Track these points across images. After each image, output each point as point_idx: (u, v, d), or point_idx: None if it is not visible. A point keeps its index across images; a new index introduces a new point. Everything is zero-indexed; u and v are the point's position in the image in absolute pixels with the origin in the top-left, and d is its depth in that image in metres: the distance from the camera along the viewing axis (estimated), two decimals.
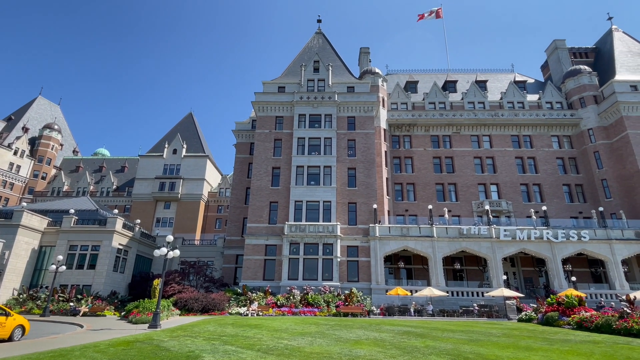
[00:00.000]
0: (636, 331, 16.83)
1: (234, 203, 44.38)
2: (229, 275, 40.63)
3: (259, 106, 42.89)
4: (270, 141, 41.58)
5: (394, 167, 46.46)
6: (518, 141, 47.43)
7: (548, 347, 13.53)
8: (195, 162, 67.64)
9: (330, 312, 29.06)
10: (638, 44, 51.55)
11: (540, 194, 44.60)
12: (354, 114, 42.37)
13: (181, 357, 10.87)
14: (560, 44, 55.25)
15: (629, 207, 40.56)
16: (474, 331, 18.40)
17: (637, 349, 13.04)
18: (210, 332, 16.57)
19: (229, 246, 42.18)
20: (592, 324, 19.59)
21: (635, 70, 47.07)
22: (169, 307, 25.76)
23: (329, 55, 48.57)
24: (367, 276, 35.35)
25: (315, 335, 15.56)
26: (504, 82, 54.45)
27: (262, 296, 31.45)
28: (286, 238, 36.04)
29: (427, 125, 48.01)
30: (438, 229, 36.43)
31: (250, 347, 12.54)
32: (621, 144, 42.74)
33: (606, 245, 35.36)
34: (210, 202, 70.07)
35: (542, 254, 35.63)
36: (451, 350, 12.35)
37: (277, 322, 21.27)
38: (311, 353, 11.54)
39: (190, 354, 11.31)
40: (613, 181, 42.64)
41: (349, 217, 37.93)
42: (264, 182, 39.68)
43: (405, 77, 56.37)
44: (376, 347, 12.93)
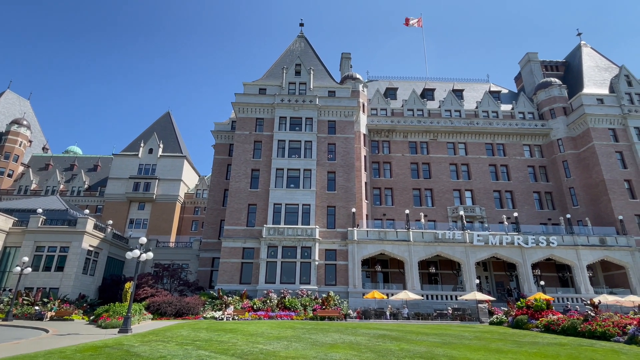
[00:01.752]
0: (599, 333, 17.59)
1: (212, 205, 43.71)
2: (204, 278, 39.89)
3: (239, 107, 42.52)
4: (250, 143, 41.27)
5: (373, 171, 47.00)
6: (492, 149, 48.98)
7: (517, 349, 13.97)
8: (172, 163, 66.19)
9: (307, 315, 28.98)
10: (604, 59, 54.34)
11: (512, 201, 46.14)
12: (334, 118, 42.66)
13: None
14: (532, 57, 57.54)
15: (594, 215, 42.52)
16: (447, 334, 18.78)
17: (600, 351, 13.64)
18: (183, 337, 16.20)
19: (205, 249, 41.45)
20: (558, 327, 20.36)
21: (601, 85, 49.55)
22: (141, 311, 25.04)
23: (310, 59, 48.78)
24: (345, 280, 35.50)
25: (291, 340, 15.48)
26: (479, 92, 56.16)
27: (238, 300, 31.03)
28: (264, 241, 35.76)
29: (406, 132, 48.88)
30: (414, 234, 37.06)
31: (225, 352, 12.35)
32: (588, 154, 44.83)
33: (573, 251, 36.91)
34: (187, 204, 68.68)
35: (513, 258, 36.82)
36: (425, 354, 12.55)
37: (253, 326, 21.03)
38: (286, 357, 11.47)
39: (162, 359, 11.02)
40: (580, 189, 44.63)
41: (327, 221, 38.06)
42: (243, 184, 39.30)
43: (385, 84, 57.25)
44: (352, 350, 12.99)
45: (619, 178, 42.25)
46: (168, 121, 73.99)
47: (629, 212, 40.49)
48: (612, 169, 42.60)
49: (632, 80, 47.64)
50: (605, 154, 43.36)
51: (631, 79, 47.74)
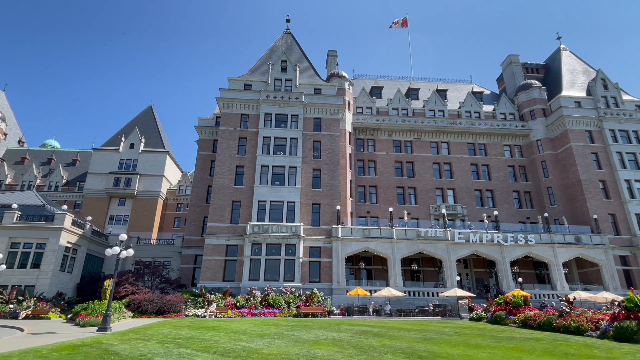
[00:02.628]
0: (574, 329, 18.22)
1: (195, 201, 43.17)
2: (186, 276, 39.42)
3: (223, 103, 42.04)
4: (235, 139, 40.89)
5: (358, 169, 47.28)
6: (474, 149, 49.95)
7: (495, 344, 14.34)
8: (154, 158, 64.89)
9: (290, 313, 29.01)
10: (582, 63, 56.01)
11: (493, 200, 47.22)
12: (320, 115, 42.67)
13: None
14: (514, 59, 58.82)
15: (570, 214, 43.92)
16: (428, 330, 19.12)
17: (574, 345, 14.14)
18: (164, 335, 16.00)
19: (188, 246, 40.93)
20: (535, 322, 20.98)
21: (579, 88, 51.09)
22: (121, 309, 24.57)
23: (297, 56, 48.58)
24: (329, 277, 35.68)
25: (275, 337, 15.48)
26: (462, 92, 57.10)
27: (221, 297, 30.80)
28: (248, 238, 35.55)
29: (390, 130, 49.31)
30: (398, 231, 37.50)
31: (207, 350, 12.26)
32: (565, 155, 46.22)
33: (550, 248, 38.07)
34: (169, 200, 67.56)
35: (492, 256, 37.72)
36: (406, 349, 12.76)
37: (236, 324, 20.93)
38: (269, 354, 11.47)
39: (142, 357, 10.86)
40: (557, 189, 46.00)
41: (312, 218, 38.11)
42: (227, 180, 38.93)
43: (371, 82, 57.56)
44: (334, 347, 13.09)
45: (594, 178, 43.73)
46: (150, 116, 72.46)
47: (603, 211, 41.98)
48: (588, 170, 44.05)
49: (608, 84, 49.28)
50: (582, 155, 44.79)
51: (607, 82, 49.38)
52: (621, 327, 15.51)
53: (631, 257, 40.26)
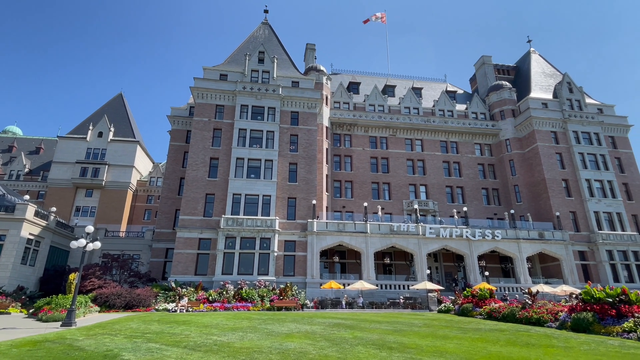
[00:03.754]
0: (535, 320, 19.19)
1: (166, 193, 42.10)
2: (157, 269, 38.52)
3: (198, 92, 41.03)
4: (209, 130, 40.05)
5: (334, 164, 47.52)
6: (446, 146, 51.29)
7: (462, 335, 14.90)
8: (124, 148, 62.61)
9: (264, 306, 28.98)
10: (550, 66, 58.41)
11: (463, 196, 48.76)
12: (297, 109, 42.45)
13: (97, 356, 10.12)
14: (487, 60, 60.57)
15: (535, 211, 46.01)
16: (398, 322, 19.62)
17: (535, 336, 14.91)
18: (132, 330, 15.61)
19: (159, 239, 39.95)
20: (499, 314, 21.94)
21: (547, 90, 53.30)
22: (87, 303, 23.75)
23: (274, 48, 47.99)
24: (303, 270, 35.83)
25: (247, 330, 15.43)
26: (437, 91, 58.34)
27: (193, 292, 30.31)
28: (222, 232, 35.09)
29: (367, 126, 49.78)
30: (371, 226, 38.08)
31: (177, 344, 12.07)
32: (532, 154, 48.25)
33: (515, 244, 39.79)
34: (139, 192, 65.54)
35: (461, 250, 39.04)
36: (377, 341, 13.05)
37: (208, 318, 20.69)
38: (241, 348, 11.44)
39: (108, 353, 10.57)
40: (523, 187, 48.04)
41: (288, 212, 38.04)
42: (201, 172, 38.16)
43: (349, 78, 57.77)
44: (307, 339, 13.20)
45: (557, 177, 45.93)
46: (120, 104, 69.72)
47: (564, 209, 44.23)
48: (552, 169, 46.20)
49: (573, 87, 51.67)
50: (547, 154, 46.89)
51: (572, 86, 51.76)
52: (578, 318, 16.46)
53: (589, 252, 42.71)
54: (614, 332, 14.74)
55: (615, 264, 41.44)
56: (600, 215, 44.12)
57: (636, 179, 47.85)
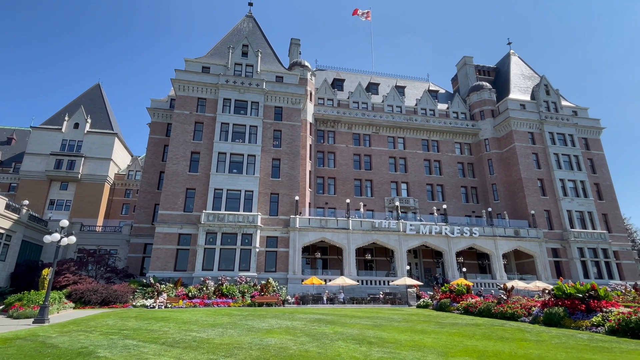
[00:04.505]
0: (509, 315, 19.78)
1: (145, 187, 41.20)
2: (135, 265, 37.73)
3: (179, 85, 40.19)
4: (191, 124, 39.34)
5: (318, 160, 47.55)
6: (427, 145, 52.12)
7: (439, 330, 15.24)
8: (101, 140, 60.76)
9: (245, 302, 28.82)
10: (529, 69, 59.99)
11: (442, 194, 49.74)
12: (281, 104, 42.19)
13: (71, 354, 9.85)
14: (468, 61, 61.69)
15: (511, 209, 47.37)
16: (378, 317, 19.89)
17: (509, 330, 15.39)
18: (109, 326, 15.27)
19: (137, 234, 39.12)
20: (476, 309, 22.52)
21: (525, 92, 54.76)
22: (61, 299, 23.06)
23: (259, 41, 47.47)
24: (285, 266, 35.80)
25: (227, 326, 15.34)
26: (419, 90, 59.09)
27: (172, 287, 29.85)
28: (203, 227, 34.63)
29: (351, 123, 50.00)
30: (354, 222, 38.37)
31: (154, 341, 11.88)
32: (509, 154, 49.58)
33: (491, 241, 40.89)
34: (117, 185, 63.84)
35: (440, 247, 39.85)
36: (357, 336, 13.20)
37: (187, 314, 20.45)
38: (221, 344, 11.36)
39: (83, 350, 10.31)
40: (501, 186, 49.37)
41: (270, 208, 37.87)
42: (181, 166, 37.49)
43: (333, 74, 57.78)
44: (287, 335, 13.23)
45: (533, 177, 47.38)
46: (98, 94, 67.54)
47: (539, 207, 45.70)
48: (529, 169, 47.62)
49: (550, 90, 53.25)
50: (524, 154, 48.27)
51: (549, 88, 53.32)
52: (550, 313, 17.07)
53: (561, 249, 44.33)
54: (584, 326, 15.37)
55: (586, 261, 43.18)
56: (573, 214, 45.81)
57: (607, 179, 49.87)
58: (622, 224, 48.79)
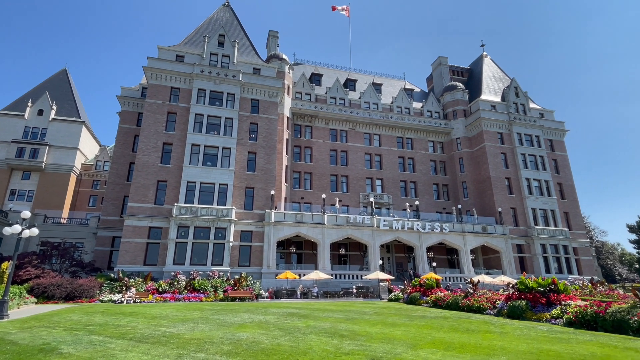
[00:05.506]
0: (476, 308, 20.59)
1: (114, 179, 39.77)
2: (102, 259, 36.46)
3: (152, 73, 38.85)
4: (163, 114, 38.19)
5: (294, 155, 47.40)
6: (402, 142, 53.09)
7: (409, 322, 15.68)
8: (67, 128, 58.00)
9: (217, 297, 28.51)
10: (500, 71, 62.00)
11: (415, 190, 50.89)
12: (258, 97, 41.65)
13: (32, 350, 9.45)
14: (443, 61, 63.05)
15: (480, 206, 49.08)
16: (350, 310, 20.21)
17: (475, 322, 16.03)
18: (73, 322, 14.73)
19: (105, 227, 37.78)
20: (444, 302, 23.30)
21: (496, 93, 56.61)
22: (22, 294, 22.01)
23: (236, 32, 46.55)
24: (259, 261, 35.62)
25: (198, 321, 15.14)
26: (396, 88, 59.92)
27: (141, 282, 29.07)
28: (174, 220, 33.84)
29: (328, 119, 50.09)
30: (329, 217, 38.62)
31: (122, 337, 11.58)
32: (479, 153, 51.25)
33: (460, 236, 42.26)
34: (84, 176, 61.27)
35: (412, 242, 40.81)
36: (329, 329, 13.37)
37: (157, 309, 20.02)
38: (191, 339, 11.22)
39: (45, 346, 9.91)
40: (470, 184, 51.04)
41: (245, 202, 37.47)
42: (153, 158, 36.38)
43: (311, 69, 57.58)
44: (260, 329, 13.22)
45: (501, 176, 49.23)
46: (64, 80, 64.29)
47: (506, 205, 47.59)
48: (497, 168, 49.42)
49: (519, 92, 55.29)
50: (493, 154, 50.04)
51: (519, 90, 55.34)
52: (514, 306, 17.91)
53: (525, 245, 46.41)
54: (544, 318, 16.22)
55: (548, 257, 45.44)
56: (537, 211, 47.99)
57: (569, 179, 52.52)
58: (581, 222, 51.63)
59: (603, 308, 14.01)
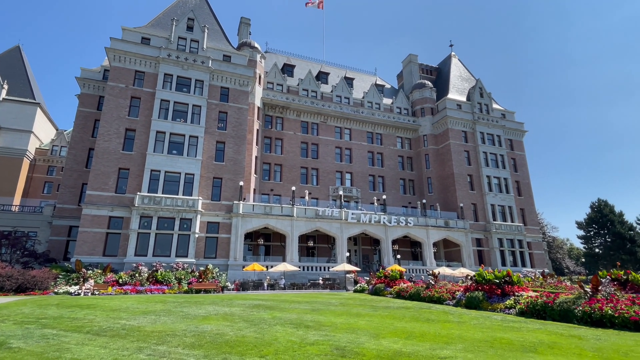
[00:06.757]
0: (436, 298, 21.38)
1: (72, 165, 37.65)
2: (58, 249, 34.60)
3: (115, 55, 36.91)
4: (126, 98, 36.46)
5: (265, 146, 46.86)
6: (372, 137, 53.89)
7: (373, 313, 16.08)
8: (20, 109, 54.05)
9: (181, 289, 27.87)
10: (467, 71, 64.11)
11: (383, 185, 51.97)
12: (228, 85, 40.66)
13: None
14: (413, 59, 64.29)
15: (443, 201, 50.90)
16: (317, 302, 20.42)
17: (435, 312, 16.67)
18: (24, 315, 13.91)
19: (60, 215, 35.79)
20: (407, 293, 24.04)
21: (462, 93, 58.54)
22: None
23: (206, 16, 45.03)
24: (226, 252, 35.13)
25: (160, 314, 14.75)
26: (367, 83, 60.52)
27: (100, 273, 27.87)
28: (137, 210, 32.61)
29: (299, 111, 49.83)
30: (298, 210, 38.66)
31: (78, 330, 11.08)
32: (444, 150, 52.99)
33: (424, 230, 43.71)
34: (39, 161, 57.54)
35: (378, 235, 41.75)
36: (295, 320, 13.46)
37: (116, 302, 19.29)
38: (152, 332, 10.92)
39: None
40: (435, 180, 52.77)
41: (212, 192, 36.70)
42: (114, 144, 34.73)
43: (284, 59, 56.90)
44: (225, 321, 13.09)
45: (464, 173, 51.23)
46: (17, 58, 59.66)
47: (467, 201, 49.65)
48: (460, 165, 51.35)
49: (484, 92, 57.49)
50: (457, 151, 51.91)
51: (483, 91, 57.54)
52: (471, 297, 18.77)
53: (484, 239, 48.74)
54: (499, 308, 17.13)
55: (504, 250, 47.98)
56: (496, 207, 50.44)
57: (526, 177, 55.49)
58: (536, 218, 54.85)
59: (552, 299, 14.98)
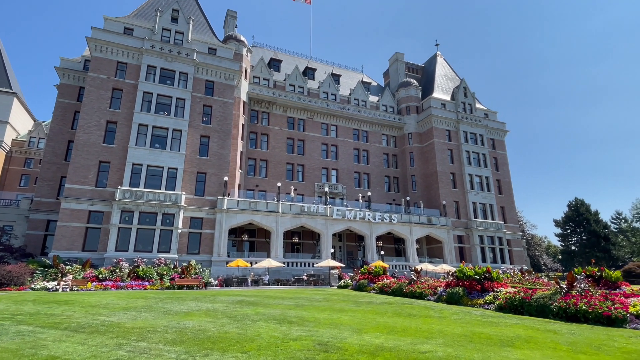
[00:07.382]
0: (418, 294, 21.76)
1: (50, 157, 36.56)
2: (35, 244, 33.64)
3: (96, 45, 35.87)
4: (108, 90, 35.54)
5: (250, 141, 46.48)
6: (358, 134, 54.13)
7: (356, 308, 16.24)
8: None
9: (163, 285, 27.49)
10: (451, 71, 64.92)
11: (368, 182, 52.35)
12: (213, 78, 40.09)
13: None
14: (400, 57, 64.71)
15: (426, 199, 51.63)
16: (300, 297, 20.50)
17: (417, 307, 16.96)
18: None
19: (38, 209, 34.76)
20: (390, 289, 24.37)
21: (446, 92, 59.30)
22: None
23: (191, 8, 44.20)
24: (209, 248, 34.80)
25: (141, 310, 14.54)
26: (354, 80, 60.65)
27: (79, 269, 27.24)
28: (117, 205, 31.93)
29: (286, 106, 49.58)
30: (283, 206, 38.57)
31: (55, 326, 10.83)
32: (428, 149, 53.68)
33: (407, 227, 44.29)
34: (15, 153, 55.60)
35: (362, 231, 42.09)
36: (278, 316, 13.48)
37: (96, 297, 18.92)
38: (133, 328, 10.77)
39: None
40: (419, 177, 53.46)
41: (196, 187, 36.23)
42: (95, 136, 33.86)
43: (270, 54, 56.43)
44: (207, 317, 13.00)
45: (447, 171, 52.05)
46: None
47: (450, 198, 50.50)
48: (444, 163, 52.14)
49: (468, 92, 58.38)
50: (441, 150, 52.66)
51: (467, 91, 58.42)
52: (452, 292, 19.17)
53: (465, 236, 49.72)
54: (478, 303, 17.56)
55: (485, 247, 49.07)
56: (477, 205, 51.47)
57: (507, 176, 56.77)
58: (515, 216, 56.21)
59: (529, 295, 15.44)
